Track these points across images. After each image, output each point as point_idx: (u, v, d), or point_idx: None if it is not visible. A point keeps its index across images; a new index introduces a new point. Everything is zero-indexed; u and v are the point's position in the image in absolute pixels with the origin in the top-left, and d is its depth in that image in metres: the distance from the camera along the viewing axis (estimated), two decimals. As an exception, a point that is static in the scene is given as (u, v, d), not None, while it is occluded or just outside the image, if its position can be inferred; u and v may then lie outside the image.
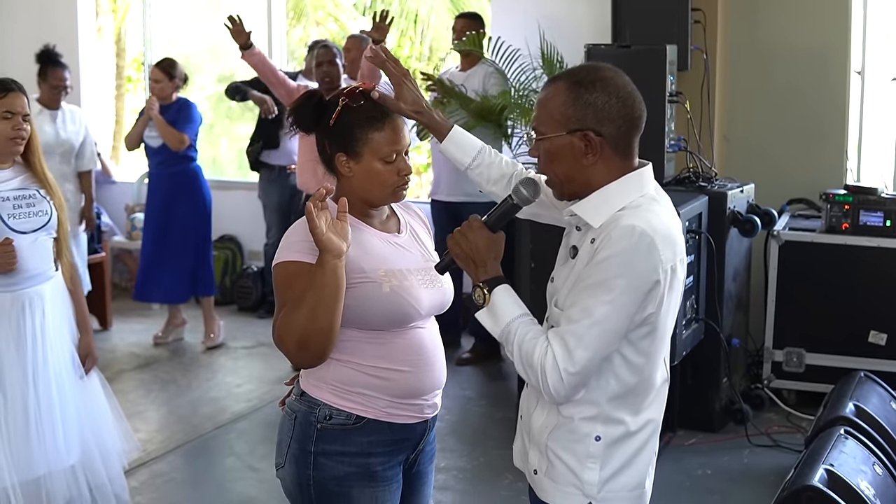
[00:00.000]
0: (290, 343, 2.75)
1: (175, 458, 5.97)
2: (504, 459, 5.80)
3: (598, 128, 2.63)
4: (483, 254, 2.73)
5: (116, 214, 9.78)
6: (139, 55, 13.05)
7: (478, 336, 7.67)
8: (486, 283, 2.73)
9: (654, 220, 2.60)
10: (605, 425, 2.68)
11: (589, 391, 2.65)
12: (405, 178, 2.97)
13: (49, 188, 4.38)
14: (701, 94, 6.66)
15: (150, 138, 7.85)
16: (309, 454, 2.90)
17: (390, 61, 3.03)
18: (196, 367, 7.65)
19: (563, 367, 2.55)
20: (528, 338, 2.63)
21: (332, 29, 13.59)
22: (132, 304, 9.14)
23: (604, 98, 2.63)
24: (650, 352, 2.67)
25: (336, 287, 2.71)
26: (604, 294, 2.53)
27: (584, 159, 2.65)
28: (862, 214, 6.41)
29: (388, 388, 2.92)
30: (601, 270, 2.55)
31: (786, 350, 6.52)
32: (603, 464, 2.69)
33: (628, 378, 2.66)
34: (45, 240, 4.31)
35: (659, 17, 6.40)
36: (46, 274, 4.33)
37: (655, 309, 2.60)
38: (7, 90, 4.29)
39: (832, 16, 7.20)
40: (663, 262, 2.57)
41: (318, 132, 3.00)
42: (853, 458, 4.55)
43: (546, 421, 2.75)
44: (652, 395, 2.74)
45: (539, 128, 2.71)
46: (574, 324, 2.56)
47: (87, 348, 4.56)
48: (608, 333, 2.56)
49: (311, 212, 2.66)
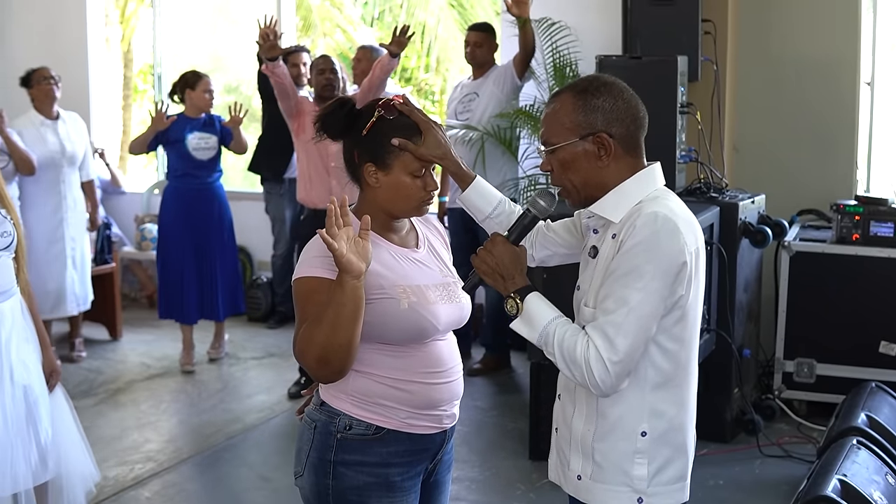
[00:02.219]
0: (310, 359, 2.76)
1: (187, 468, 5.98)
2: (516, 470, 5.84)
3: (609, 129, 2.76)
4: (510, 267, 2.81)
5: (126, 225, 9.79)
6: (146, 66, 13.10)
7: (488, 347, 7.68)
8: (516, 293, 2.79)
9: (674, 206, 2.75)
10: (650, 420, 2.76)
11: (630, 386, 2.73)
12: (431, 194, 2.98)
13: (9, 208, 4.32)
14: (711, 104, 6.67)
15: (198, 150, 7.63)
16: (328, 463, 2.91)
17: (416, 110, 3.03)
18: (206, 377, 7.65)
19: (607, 357, 2.63)
20: (567, 336, 2.70)
21: (340, 40, 13.62)
22: (142, 315, 9.18)
23: (610, 101, 2.77)
24: (683, 337, 2.77)
25: (355, 306, 2.71)
26: (635, 281, 2.63)
27: (598, 162, 2.77)
28: (872, 225, 6.41)
29: (407, 399, 2.93)
30: (629, 259, 2.65)
31: (797, 361, 6.52)
32: (651, 458, 2.77)
33: (665, 366, 2.75)
34: (7, 260, 4.27)
35: (670, 29, 6.40)
36: (9, 292, 4.30)
37: (685, 291, 2.71)
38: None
39: (842, 27, 7.21)
40: (688, 245, 2.69)
41: (348, 140, 3.00)
42: (866, 468, 4.56)
43: (588, 424, 2.81)
44: (689, 383, 2.83)
45: (551, 139, 2.82)
46: (611, 314, 2.64)
47: (51, 364, 4.50)
48: (645, 318, 2.65)
49: (326, 238, 2.65)
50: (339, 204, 2.72)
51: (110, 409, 6.91)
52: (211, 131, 7.65)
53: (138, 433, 6.49)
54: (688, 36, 6.44)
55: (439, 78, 13.87)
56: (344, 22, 13.71)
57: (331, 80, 6.92)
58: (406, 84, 13.52)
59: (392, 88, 8.41)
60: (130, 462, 5.96)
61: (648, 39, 6.44)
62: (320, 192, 6.85)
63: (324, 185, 6.84)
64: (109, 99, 11.28)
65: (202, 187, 7.72)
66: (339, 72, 7.01)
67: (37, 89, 7.58)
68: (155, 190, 9.96)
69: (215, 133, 7.65)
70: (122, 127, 13.40)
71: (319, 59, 7.13)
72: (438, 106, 13.81)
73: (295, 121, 6.95)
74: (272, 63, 6.67)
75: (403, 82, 13.54)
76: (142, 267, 9.78)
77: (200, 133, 7.63)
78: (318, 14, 13.35)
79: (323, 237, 2.66)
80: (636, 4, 6.52)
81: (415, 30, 6.82)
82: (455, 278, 3.12)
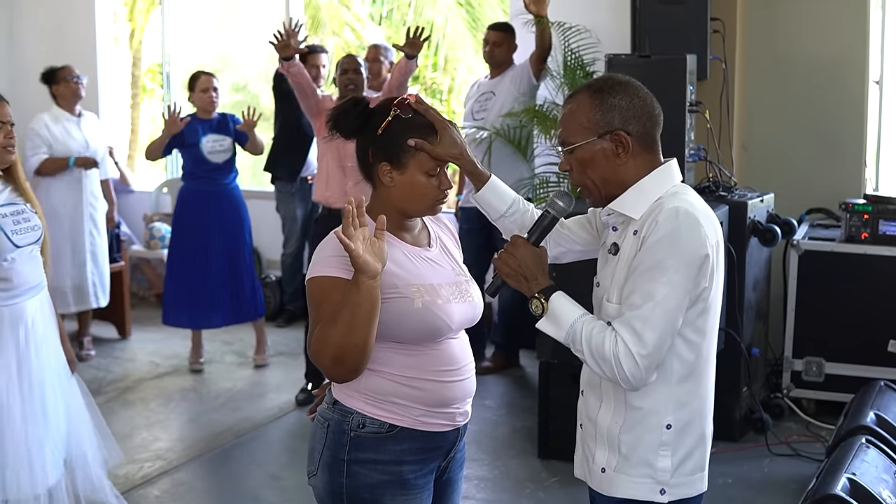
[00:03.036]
0: (325, 358, 2.77)
1: (196, 466, 5.99)
2: (525, 469, 5.85)
3: (626, 127, 2.82)
4: (532, 268, 2.86)
5: (135, 224, 9.81)
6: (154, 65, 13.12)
7: (497, 345, 7.69)
8: (541, 293, 2.83)
9: (694, 201, 2.81)
10: (676, 412, 2.81)
11: (658, 379, 2.77)
12: (445, 193, 2.99)
13: (33, 202, 4.38)
14: (720, 103, 6.66)
15: (213, 153, 7.60)
16: (342, 462, 2.92)
17: (432, 109, 3.03)
18: (215, 376, 7.66)
19: (636, 350, 2.68)
20: (594, 332, 2.74)
21: (349, 38, 13.63)
22: (151, 314, 9.18)
23: (626, 99, 2.83)
24: (705, 329, 2.83)
25: (371, 306, 2.72)
26: (660, 276, 2.69)
27: (616, 160, 2.83)
28: (881, 224, 6.42)
29: (421, 397, 2.93)
30: (653, 254, 2.71)
31: (805, 359, 6.53)
32: (674, 450, 2.82)
33: (690, 357, 2.80)
34: (37, 252, 4.33)
35: (678, 28, 6.39)
36: (41, 285, 4.36)
37: (708, 283, 2.77)
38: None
39: (850, 26, 7.21)
40: (709, 238, 2.75)
41: (362, 139, 3.01)
42: (875, 466, 4.56)
43: (615, 417, 2.85)
44: (709, 373, 2.89)
45: (568, 139, 2.86)
46: (637, 309, 2.70)
47: (69, 355, 4.57)
48: (671, 312, 2.70)
49: (343, 239, 2.65)
50: (356, 204, 2.72)
51: (119, 408, 6.93)
52: (225, 132, 7.61)
53: (147, 431, 6.50)
54: (697, 35, 6.43)
55: (447, 77, 13.88)
56: (352, 20, 13.71)
57: (354, 79, 6.89)
58: (414, 83, 13.52)
59: None
60: (139, 460, 5.98)
61: (657, 38, 6.43)
62: (336, 191, 6.84)
63: (339, 185, 6.82)
64: (118, 98, 11.29)
65: (218, 189, 7.69)
66: (363, 72, 7.00)
67: (63, 86, 7.66)
68: (164, 189, 9.99)
69: (229, 134, 7.61)
70: (131, 125, 13.42)
71: (345, 58, 7.07)
72: (446, 105, 13.81)
73: (317, 120, 6.92)
74: (287, 63, 6.66)
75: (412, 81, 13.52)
76: (150, 265, 9.79)
77: (215, 135, 7.59)
78: (327, 12, 13.36)
79: (339, 237, 2.66)
80: (645, 3, 6.52)
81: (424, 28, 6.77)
82: (467, 276, 3.12)
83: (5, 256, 4.18)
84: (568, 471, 5.54)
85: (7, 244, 4.17)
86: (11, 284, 4.22)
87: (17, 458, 4.23)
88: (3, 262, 4.18)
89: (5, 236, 4.18)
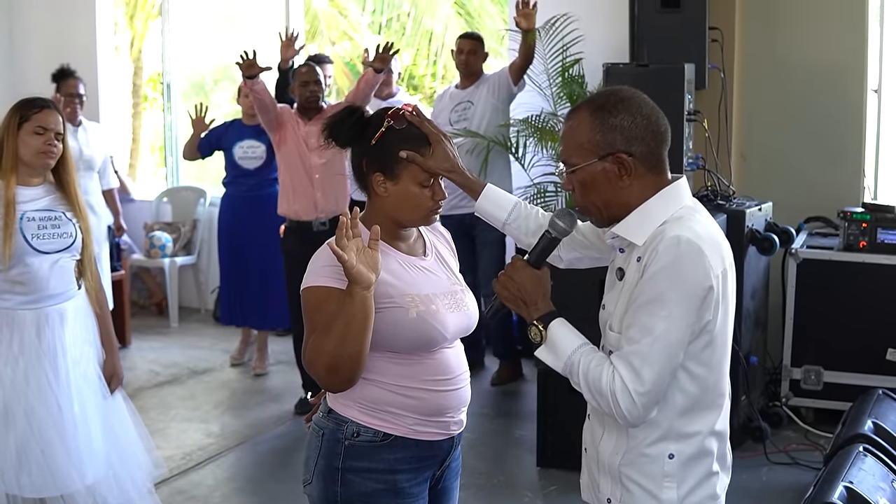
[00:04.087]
0: (320, 368, 2.78)
1: (196, 475, 5.99)
2: (523, 477, 5.86)
3: (629, 148, 2.65)
4: (532, 292, 2.74)
5: (135, 232, 9.81)
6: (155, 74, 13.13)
7: (501, 356, 7.67)
8: (539, 319, 2.73)
9: (699, 228, 2.62)
10: (678, 442, 2.67)
11: (658, 410, 2.64)
12: (439, 204, 2.98)
13: (78, 211, 4.41)
14: (718, 112, 6.68)
15: (244, 160, 7.74)
16: (336, 471, 2.92)
17: (426, 121, 3.01)
18: (215, 384, 7.67)
19: (633, 388, 2.55)
20: (592, 366, 2.62)
21: (347, 47, 13.64)
22: (151, 322, 9.21)
23: (629, 119, 2.65)
24: (712, 361, 2.67)
25: (365, 316, 2.72)
26: (660, 309, 2.54)
27: (619, 182, 2.67)
28: (879, 232, 6.42)
29: (415, 406, 2.93)
30: (653, 286, 2.56)
31: (804, 368, 6.53)
32: (680, 481, 2.68)
33: (694, 391, 2.66)
34: (68, 261, 4.35)
35: (677, 36, 6.41)
36: (67, 294, 4.38)
37: (712, 316, 2.61)
38: (42, 106, 4.35)
39: (849, 34, 7.22)
40: (713, 268, 2.58)
41: (356, 149, 3.01)
42: (872, 475, 4.55)
43: (616, 447, 2.74)
44: (719, 405, 2.73)
45: (570, 160, 2.72)
46: (636, 344, 2.56)
47: (113, 369, 4.58)
48: (671, 347, 2.56)
49: (336, 250, 2.66)
50: (350, 216, 2.72)
51: (119, 416, 6.92)
52: (261, 139, 7.67)
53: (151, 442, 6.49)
54: (695, 43, 6.45)
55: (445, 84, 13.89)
56: (350, 29, 13.72)
57: (315, 91, 6.90)
58: (414, 92, 13.53)
59: (403, 97, 8.43)
60: (139, 469, 5.98)
61: (656, 47, 6.45)
62: (304, 203, 6.83)
63: (308, 197, 6.81)
64: (119, 107, 11.31)
65: (251, 195, 7.82)
66: (322, 83, 7.01)
67: (66, 100, 7.59)
68: (164, 198, 10.00)
69: (265, 142, 7.65)
70: (132, 135, 13.43)
71: (303, 68, 7.07)
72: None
73: (276, 133, 6.93)
74: (251, 80, 6.71)
75: (412, 90, 13.55)
76: (150, 274, 9.80)
77: (250, 141, 7.73)
78: (326, 22, 13.36)
79: (333, 248, 2.67)
80: (643, 12, 6.54)
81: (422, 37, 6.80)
82: (462, 286, 3.12)
83: (23, 260, 4.21)
84: (566, 479, 5.58)
85: (25, 248, 4.21)
86: (28, 289, 4.25)
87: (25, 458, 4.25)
88: (20, 265, 4.22)
89: (24, 240, 4.21)
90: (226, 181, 7.96)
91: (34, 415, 4.28)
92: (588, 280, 3.02)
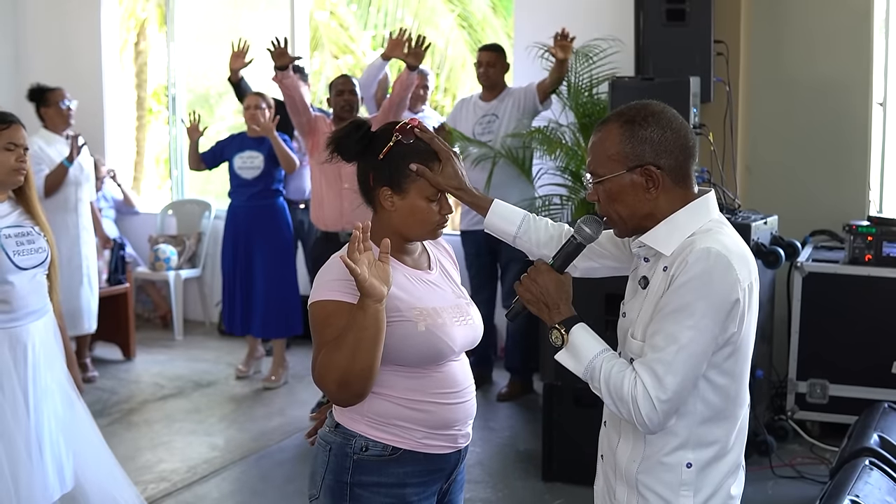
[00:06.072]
0: (330, 383, 2.77)
1: (200, 488, 5.98)
2: (529, 491, 5.84)
3: (657, 161, 2.69)
4: (554, 296, 2.77)
5: (140, 245, 9.83)
6: (160, 86, 13.15)
7: (514, 371, 7.62)
8: (561, 323, 2.75)
9: (727, 241, 2.65)
10: (696, 451, 2.70)
11: (678, 419, 2.67)
12: (446, 218, 2.99)
13: (43, 225, 4.39)
14: (724, 125, 6.67)
15: (243, 170, 7.78)
16: (345, 486, 2.91)
17: (437, 138, 3.02)
18: (220, 397, 7.67)
19: (655, 395, 2.57)
20: (614, 371, 2.65)
21: (350, 62, 13.65)
22: (155, 335, 9.20)
23: (658, 132, 2.69)
24: (734, 372, 2.70)
25: (377, 330, 2.72)
26: (686, 319, 2.57)
27: (646, 194, 2.70)
28: (885, 246, 6.42)
29: (423, 419, 2.93)
30: (681, 296, 2.58)
31: (809, 381, 6.52)
32: (696, 490, 2.71)
33: (715, 400, 2.68)
34: (42, 276, 4.34)
35: (682, 50, 6.41)
36: (43, 310, 4.35)
37: (737, 328, 2.63)
38: (9, 122, 4.31)
39: (854, 48, 7.23)
40: (741, 281, 2.61)
41: (363, 163, 3.01)
42: (878, 489, 4.54)
43: (633, 454, 2.76)
44: (738, 415, 2.76)
45: (597, 170, 2.74)
46: (660, 351, 2.59)
47: (74, 381, 4.56)
48: (695, 357, 2.58)
49: (349, 262, 2.66)
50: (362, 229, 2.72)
51: (123, 430, 6.93)
52: (261, 150, 7.73)
53: (151, 453, 6.49)
54: (700, 57, 6.44)
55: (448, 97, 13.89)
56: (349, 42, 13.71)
57: (350, 100, 6.91)
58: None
59: (430, 113, 8.41)
60: (143, 482, 5.97)
61: (661, 60, 6.44)
62: (331, 213, 6.86)
63: (335, 207, 6.83)
64: (123, 120, 11.32)
65: (249, 205, 7.85)
66: (357, 93, 7.00)
67: (55, 111, 7.55)
68: (169, 211, 10.01)
69: (263, 152, 7.71)
70: (136, 148, 13.44)
71: (339, 79, 7.09)
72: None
73: (309, 139, 6.95)
74: (282, 72, 6.67)
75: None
76: (155, 287, 9.80)
77: (249, 152, 7.78)
78: (327, 36, 13.38)
79: (345, 262, 2.67)
80: (649, 25, 6.53)
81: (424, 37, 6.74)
82: (467, 299, 3.13)
83: (5, 277, 4.18)
84: (572, 493, 5.57)
85: (8, 265, 4.17)
86: (10, 307, 4.21)
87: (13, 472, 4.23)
88: (3, 283, 4.18)
89: (6, 257, 4.17)
90: (229, 192, 7.99)
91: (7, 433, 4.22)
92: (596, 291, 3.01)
